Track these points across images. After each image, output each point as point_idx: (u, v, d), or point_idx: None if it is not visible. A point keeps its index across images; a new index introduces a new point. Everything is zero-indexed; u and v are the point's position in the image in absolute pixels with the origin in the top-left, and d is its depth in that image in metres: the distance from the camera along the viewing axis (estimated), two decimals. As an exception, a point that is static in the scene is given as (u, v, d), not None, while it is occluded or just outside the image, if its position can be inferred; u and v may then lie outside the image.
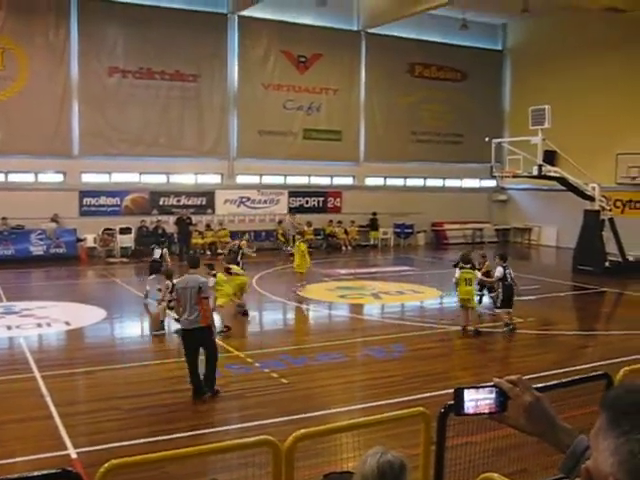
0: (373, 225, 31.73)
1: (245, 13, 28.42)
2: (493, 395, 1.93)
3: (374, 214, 31.52)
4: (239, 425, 8.94)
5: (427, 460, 5.22)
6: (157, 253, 18.14)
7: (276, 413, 9.24)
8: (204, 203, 28.92)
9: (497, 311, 15.03)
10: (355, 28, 31.43)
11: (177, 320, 10.74)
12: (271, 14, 28.91)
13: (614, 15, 26.34)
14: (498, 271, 14.57)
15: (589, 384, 5.84)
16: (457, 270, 14.70)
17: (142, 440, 8.08)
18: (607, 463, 1.37)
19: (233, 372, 11.22)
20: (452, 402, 2.02)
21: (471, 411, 1.95)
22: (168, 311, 14.27)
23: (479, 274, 15.37)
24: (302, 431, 4.85)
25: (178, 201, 28.39)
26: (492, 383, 1.96)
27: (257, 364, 11.69)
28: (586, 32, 29.90)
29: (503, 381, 1.94)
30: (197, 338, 10.02)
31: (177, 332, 10.54)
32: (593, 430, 1.45)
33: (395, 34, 31.68)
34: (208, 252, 27.43)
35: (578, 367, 11.07)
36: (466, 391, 1.95)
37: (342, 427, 5.45)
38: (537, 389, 1.98)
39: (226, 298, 14.50)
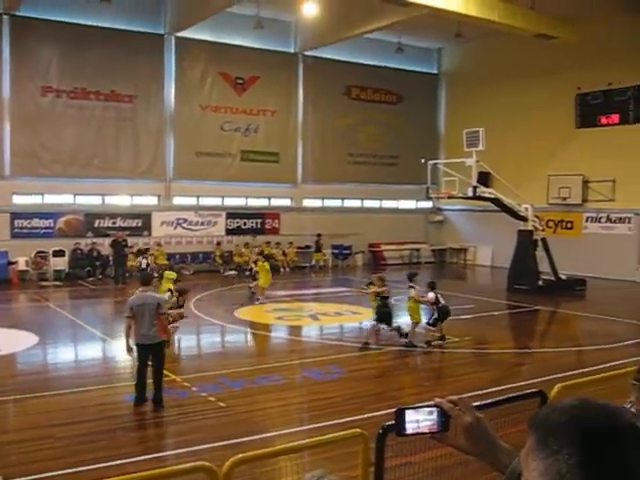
0: (317, 247, 31.68)
1: (182, 34, 28.31)
2: (434, 415, 1.92)
3: (319, 235, 31.51)
4: (176, 451, 8.75)
5: (366, 482, 5.19)
6: (143, 263, 18.13)
7: (214, 438, 9.08)
8: (140, 225, 28.49)
9: (431, 328, 15.42)
10: (292, 50, 31.63)
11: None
12: (208, 35, 28.86)
13: (544, 41, 27.13)
14: (430, 296, 15.33)
15: (524, 401, 5.91)
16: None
17: (74, 469, 7.84)
18: None
19: (170, 397, 10.99)
20: (391, 422, 2.00)
21: (412, 431, 1.93)
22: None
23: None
24: (239, 456, 4.78)
25: (113, 223, 27.88)
26: (433, 403, 1.94)
27: (194, 388, 11.50)
28: (518, 57, 30.76)
29: (444, 401, 1.94)
30: (153, 352, 10.52)
31: (130, 349, 10.63)
32: (523, 450, 1.45)
33: (332, 57, 32.02)
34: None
35: (514, 385, 11.22)
36: (407, 412, 1.93)
37: (279, 451, 5.38)
38: (474, 407, 1.98)
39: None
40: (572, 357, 14.97)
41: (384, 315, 15.09)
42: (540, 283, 23.81)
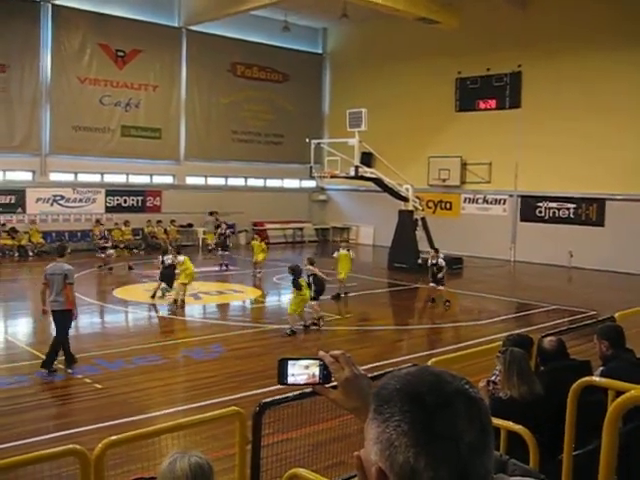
0: (217, 226, 30.94)
1: (59, 2, 27.05)
2: (316, 368, 1.94)
3: (214, 213, 30.95)
4: (51, 435, 8.44)
5: (243, 460, 5.15)
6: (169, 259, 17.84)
7: (90, 420, 8.83)
8: (13, 201, 27.19)
9: (312, 303, 15.49)
10: (176, 24, 30.89)
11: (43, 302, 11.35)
12: (88, 5, 27.74)
13: (427, 25, 27.67)
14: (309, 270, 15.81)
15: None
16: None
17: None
18: (372, 451, 1.36)
19: (43, 379, 10.62)
20: (268, 400, 1.99)
21: (293, 381, 1.96)
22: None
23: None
24: (112, 438, 4.61)
25: (-16, 198, 26.54)
26: (317, 356, 1.96)
27: (69, 370, 11.13)
28: (402, 40, 31.25)
29: (327, 355, 1.95)
30: (57, 319, 11.16)
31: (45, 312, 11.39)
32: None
33: (217, 33, 31.50)
34: (17, 254, 25.97)
35: (394, 360, 11.49)
36: (289, 362, 1.96)
37: (153, 431, 5.25)
38: (354, 363, 1.99)
39: (190, 277, 17.51)
40: (449, 333, 15.49)
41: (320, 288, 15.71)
42: (419, 262, 24.40)
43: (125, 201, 30.08)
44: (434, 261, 18.60)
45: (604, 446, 3.33)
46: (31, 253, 26.38)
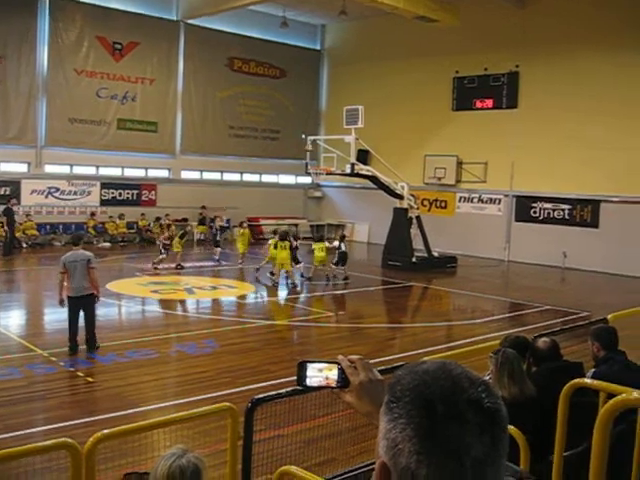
0: (201, 220, 31.12)
1: (56, -6, 27.00)
2: (334, 371, 1.98)
3: (203, 207, 31.05)
4: (43, 428, 8.43)
5: (234, 455, 5.16)
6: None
7: (83, 414, 8.82)
8: (8, 193, 27.10)
9: (332, 266, 21.13)
10: (174, 18, 30.80)
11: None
12: (85, -3, 27.69)
13: (426, 24, 27.65)
14: (335, 243, 21.88)
15: (391, 375, 6.02)
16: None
17: None
18: (380, 445, 1.35)
19: (35, 372, 10.61)
20: (261, 396, 2.01)
21: (311, 383, 2.00)
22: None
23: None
24: (104, 432, 4.62)
25: (-21, 190, 26.43)
26: (336, 360, 2.00)
27: (61, 363, 11.12)
28: (400, 38, 31.22)
29: (344, 359, 1.98)
30: (83, 303, 11.76)
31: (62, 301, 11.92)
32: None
33: (215, 27, 31.43)
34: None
35: (385, 358, 11.49)
36: (309, 365, 2.00)
37: (145, 426, 5.25)
38: (372, 369, 2.01)
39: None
40: (442, 332, 15.50)
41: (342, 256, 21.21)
42: (414, 260, 24.45)
43: (120, 194, 30.00)
44: (335, 244, 21.76)
45: (594, 449, 3.35)
46: (25, 245, 26.31)
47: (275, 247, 20.06)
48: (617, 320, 9.25)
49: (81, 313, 11.85)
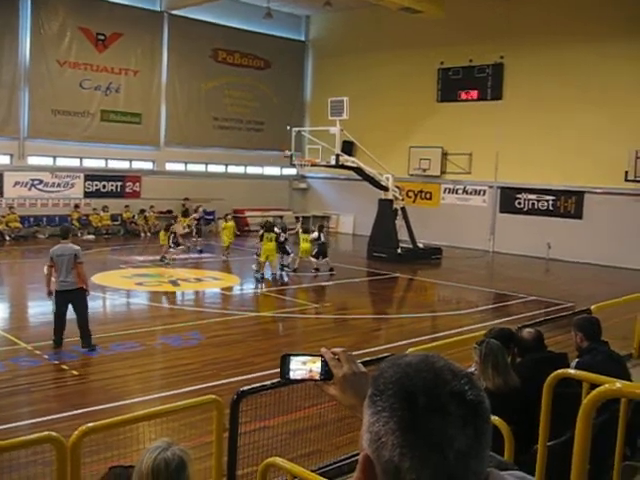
0: (185, 212, 30.95)
1: (39, -16, 26.73)
2: (318, 364, 1.97)
3: (186, 199, 30.94)
4: (27, 421, 8.37)
5: (220, 447, 5.16)
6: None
7: (68, 407, 8.79)
8: (-9, 185, 26.93)
9: (312, 259, 21.02)
10: (158, 8, 30.60)
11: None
12: (68, -13, 27.43)
13: (411, 15, 27.61)
14: (314, 234, 21.38)
15: (376, 366, 6.04)
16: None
17: None
18: (364, 437, 1.35)
19: (20, 365, 10.56)
20: (246, 388, 2.00)
21: (294, 376, 1.99)
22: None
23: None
24: (89, 425, 4.61)
25: (-39, 182, 26.22)
26: (319, 353, 1.99)
27: (46, 356, 11.07)
28: (385, 29, 31.17)
29: (328, 351, 1.98)
30: (71, 298, 11.47)
31: (50, 293, 11.61)
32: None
33: (199, 17, 31.26)
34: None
35: (371, 349, 11.53)
36: (292, 358, 1.98)
37: (131, 419, 5.25)
38: (355, 361, 2.00)
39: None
40: (427, 323, 15.57)
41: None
42: (399, 251, 24.50)
43: (104, 186, 29.82)
44: (314, 235, 21.46)
45: (577, 438, 3.38)
46: (8, 238, 26.13)
47: (261, 239, 20.09)
48: (600, 311, 9.33)
49: (70, 308, 11.57)
